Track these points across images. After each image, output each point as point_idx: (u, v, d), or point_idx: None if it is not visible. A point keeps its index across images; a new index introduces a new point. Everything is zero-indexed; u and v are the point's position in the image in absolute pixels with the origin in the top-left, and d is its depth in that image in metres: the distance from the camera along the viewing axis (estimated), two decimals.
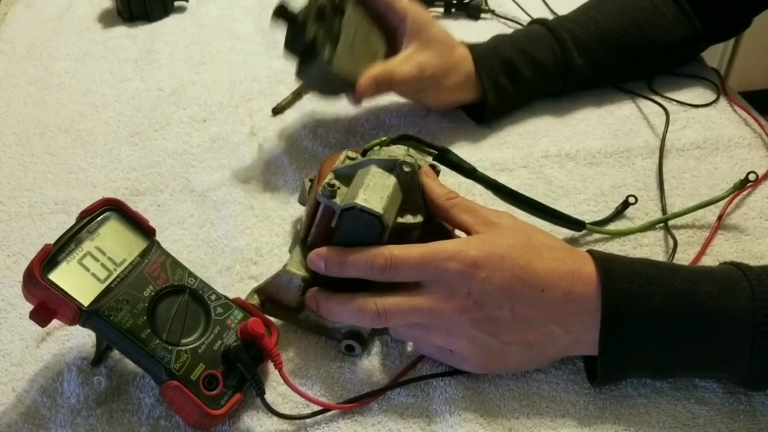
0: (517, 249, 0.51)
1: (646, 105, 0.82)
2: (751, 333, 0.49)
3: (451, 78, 0.75)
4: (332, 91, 0.76)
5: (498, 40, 0.80)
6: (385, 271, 0.51)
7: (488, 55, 0.77)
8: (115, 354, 0.58)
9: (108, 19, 1.04)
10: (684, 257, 0.64)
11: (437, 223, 0.60)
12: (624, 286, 0.50)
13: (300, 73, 0.72)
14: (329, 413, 0.54)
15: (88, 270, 0.52)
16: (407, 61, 0.73)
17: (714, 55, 1.95)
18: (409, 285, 0.52)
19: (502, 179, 0.64)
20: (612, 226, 0.68)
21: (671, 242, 0.65)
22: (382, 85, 0.71)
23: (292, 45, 0.70)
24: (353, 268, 0.52)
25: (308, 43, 0.68)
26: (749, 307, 0.49)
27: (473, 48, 0.78)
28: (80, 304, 0.51)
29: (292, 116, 0.84)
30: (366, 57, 0.73)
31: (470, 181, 0.63)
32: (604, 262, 0.51)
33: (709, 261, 0.64)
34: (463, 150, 0.77)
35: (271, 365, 0.56)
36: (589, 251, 0.54)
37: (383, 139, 0.60)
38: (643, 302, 0.49)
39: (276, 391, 0.55)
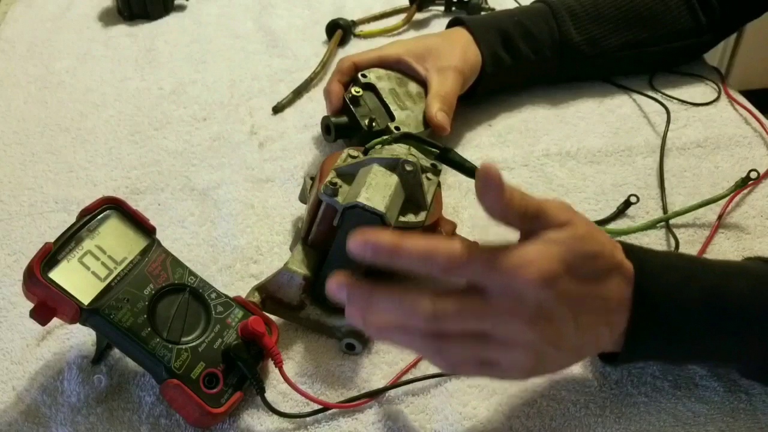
0: (589, 257, 0.46)
1: (647, 103, 0.82)
2: None
3: (470, 74, 0.77)
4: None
5: (496, 13, 0.82)
6: (447, 267, 0.43)
7: (485, 27, 0.79)
8: (116, 352, 0.58)
9: (108, 18, 1.04)
10: None
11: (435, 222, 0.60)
12: (658, 280, 0.49)
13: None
14: (329, 412, 0.54)
15: (88, 268, 0.52)
16: (444, 78, 0.74)
17: (714, 54, 1.95)
18: (465, 288, 0.45)
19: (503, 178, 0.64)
20: (613, 225, 0.68)
21: (672, 241, 0.65)
22: (449, 110, 0.73)
23: (356, 141, 0.71)
24: (408, 258, 0.44)
25: (367, 131, 0.70)
26: None
27: (468, 19, 0.80)
28: (80, 302, 0.51)
29: (292, 115, 0.84)
30: (417, 101, 0.75)
31: (471, 180, 0.63)
32: (638, 256, 0.49)
33: None
34: (464, 149, 0.77)
35: (271, 364, 0.56)
36: (620, 243, 0.50)
37: (385, 137, 0.60)
38: (677, 295, 0.49)
39: (276, 389, 0.55)
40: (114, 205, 0.56)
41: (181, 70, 0.93)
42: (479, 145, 0.78)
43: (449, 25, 0.83)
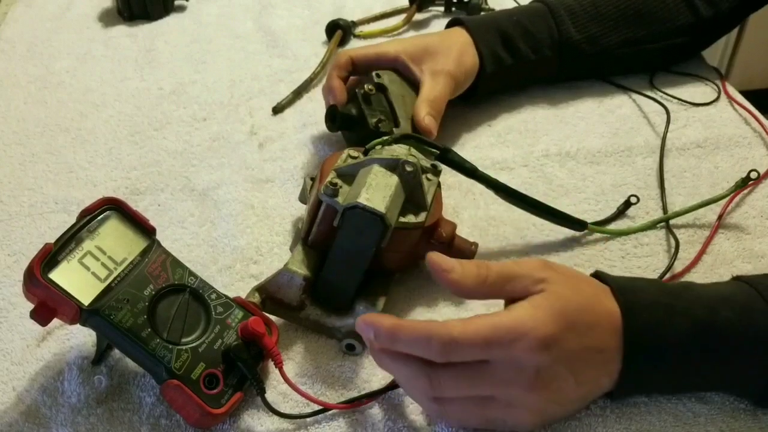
0: (579, 312, 0.48)
1: (647, 103, 0.82)
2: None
3: (464, 78, 0.77)
4: None
5: (494, 13, 0.82)
6: (443, 353, 0.46)
7: (484, 27, 0.79)
8: (116, 353, 0.58)
9: (108, 18, 1.04)
10: (685, 256, 0.64)
11: (435, 223, 0.60)
12: (645, 319, 0.49)
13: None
14: (330, 412, 0.54)
15: (88, 269, 0.52)
16: (435, 82, 0.74)
17: (714, 53, 1.95)
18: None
19: (503, 178, 0.64)
20: (613, 226, 0.68)
21: (672, 241, 0.65)
22: (436, 115, 0.73)
23: (355, 137, 0.71)
24: (406, 345, 0.47)
25: (372, 130, 0.69)
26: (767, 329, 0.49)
27: (467, 20, 0.79)
28: (81, 303, 0.51)
29: (292, 115, 0.84)
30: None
31: (471, 181, 0.63)
32: (624, 296, 0.50)
33: (709, 260, 0.64)
34: (463, 149, 0.77)
35: (271, 364, 0.56)
36: (600, 277, 0.52)
37: (385, 138, 0.60)
38: (665, 331, 0.49)
39: (276, 390, 0.55)
40: (114, 206, 0.56)
41: (181, 70, 0.93)
42: (479, 145, 0.78)
43: (448, 26, 0.83)
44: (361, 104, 0.70)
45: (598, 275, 0.53)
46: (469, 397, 0.48)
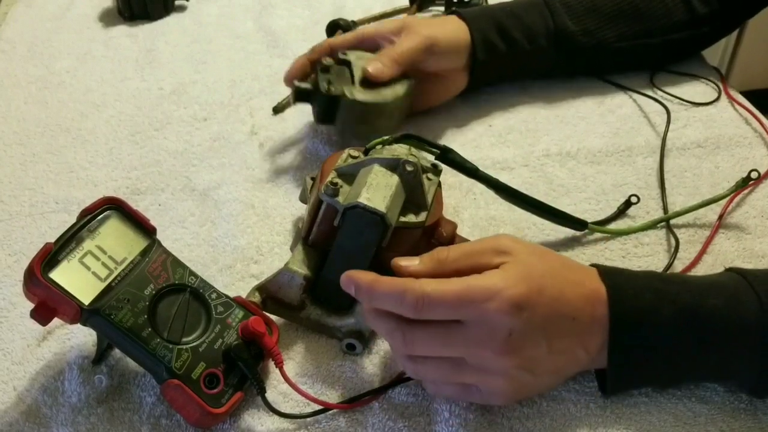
0: (548, 277, 0.49)
1: (647, 103, 0.82)
2: (759, 344, 0.49)
3: (444, 43, 0.75)
4: (368, 125, 0.73)
5: (489, 6, 0.82)
6: (416, 309, 0.47)
7: (479, 16, 0.79)
8: (116, 353, 0.58)
9: (108, 18, 1.04)
10: (685, 256, 0.64)
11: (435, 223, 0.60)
12: (632, 303, 0.49)
13: (338, 124, 0.73)
14: (330, 412, 0.54)
15: (88, 269, 0.52)
16: (404, 39, 0.74)
17: (715, 53, 1.95)
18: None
19: (503, 178, 0.64)
20: (613, 225, 0.68)
21: (672, 241, 0.65)
22: (390, 64, 0.72)
23: (321, 113, 0.72)
24: (382, 299, 0.48)
25: (327, 95, 0.70)
26: (757, 318, 0.49)
27: (463, 10, 0.79)
28: (81, 302, 0.51)
29: (292, 115, 0.84)
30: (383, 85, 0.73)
31: (471, 181, 0.63)
32: (611, 278, 0.50)
33: (710, 260, 0.64)
34: (464, 149, 0.77)
35: (271, 364, 0.56)
36: (594, 265, 0.52)
37: (386, 138, 0.60)
38: (651, 317, 0.49)
39: (277, 389, 0.55)
40: (114, 206, 0.56)
41: (181, 70, 0.93)
42: (479, 145, 0.78)
43: None
44: (318, 75, 0.71)
45: (593, 266, 0.53)
46: (442, 358, 0.49)
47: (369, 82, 0.71)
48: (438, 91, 0.80)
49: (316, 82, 0.71)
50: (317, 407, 0.54)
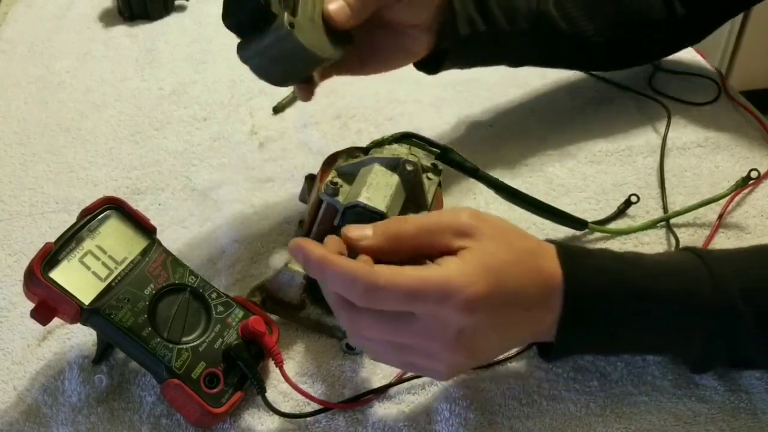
0: (509, 267, 0.46)
1: (647, 103, 0.82)
2: (707, 327, 0.49)
3: None
4: (285, 73, 0.57)
5: None
6: (365, 298, 0.44)
7: None
8: (117, 352, 0.58)
9: (108, 18, 1.04)
10: None
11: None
12: (588, 282, 0.49)
13: (244, 50, 0.54)
14: (330, 412, 0.54)
15: (88, 268, 0.52)
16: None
17: (715, 53, 1.95)
18: None
19: (503, 178, 0.64)
20: (613, 225, 0.68)
21: (672, 241, 0.65)
22: (365, 4, 0.60)
23: (235, 12, 0.53)
24: (330, 280, 0.45)
25: (261, 6, 0.51)
26: (709, 302, 0.49)
27: None
28: (81, 302, 0.51)
29: (292, 115, 0.84)
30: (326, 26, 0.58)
31: (471, 180, 0.63)
32: (569, 257, 0.49)
33: None
34: (464, 149, 0.77)
35: (272, 363, 0.56)
36: (555, 243, 0.50)
37: (386, 137, 0.60)
38: (604, 304, 0.49)
39: (277, 389, 0.55)
40: (114, 205, 0.56)
41: (181, 70, 0.93)
42: (479, 145, 0.78)
43: None
44: None
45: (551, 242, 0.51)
46: (389, 341, 0.47)
47: (314, 21, 0.56)
48: (394, 52, 0.67)
49: None
50: (317, 407, 0.54)
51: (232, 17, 0.53)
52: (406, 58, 0.68)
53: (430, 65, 0.69)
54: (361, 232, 0.47)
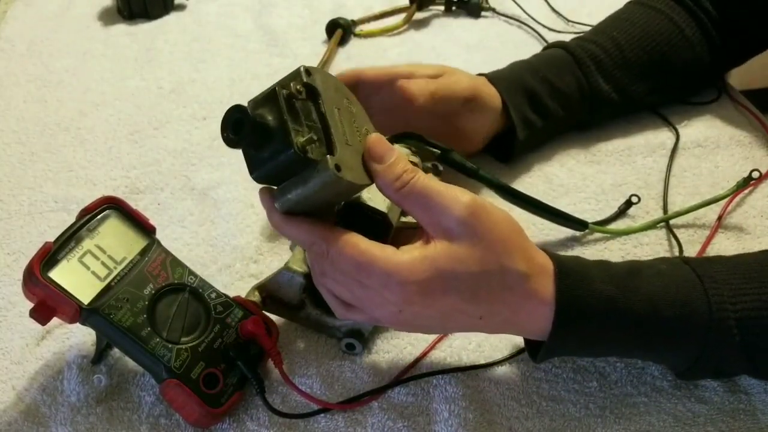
0: (468, 280, 0.46)
1: None
2: (699, 350, 0.50)
3: (487, 100, 0.70)
4: (328, 203, 0.50)
5: (518, 68, 0.74)
6: (320, 259, 0.48)
7: (512, 86, 0.72)
8: (116, 352, 0.58)
9: (108, 17, 1.04)
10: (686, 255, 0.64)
11: None
12: (580, 311, 0.49)
13: (283, 195, 0.47)
14: (329, 412, 0.54)
15: (88, 268, 0.52)
16: (418, 82, 0.68)
17: None
18: None
19: (503, 178, 0.64)
20: (613, 225, 0.68)
21: (673, 241, 0.65)
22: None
23: (263, 163, 0.46)
24: (292, 236, 0.50)
25: (298, 154, 0.44)
26: (704, 331, 0.49)
27: (493, 77, 0.72)
28: (80, 302, 0.51)
29: None
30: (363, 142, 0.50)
31: (472, 181, 0.63)
32: (564, 276, 0.49)
33: None
34: None
35: (271, 364, 0.56)
36: (554, 261, 0.50)
37: (386, 137, 0.60)
38: (600, 327, 0.49)
39: (276, 389, 0.55)
40: (114, 205, 0.56)
41: (180, 69, 0.93)
42: None
43: None
44: (283, 111, 0.45)
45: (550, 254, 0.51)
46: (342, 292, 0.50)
47: (349, 145, 0.47)
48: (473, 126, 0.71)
49: (282, 120, 0.45)
50: (317, 407, 0.53)
51: (260, 169, 0.46)
52: (487, 131, 0.72)
53: (501, 155, 0.75)
54: (388, 154, 0.49)
